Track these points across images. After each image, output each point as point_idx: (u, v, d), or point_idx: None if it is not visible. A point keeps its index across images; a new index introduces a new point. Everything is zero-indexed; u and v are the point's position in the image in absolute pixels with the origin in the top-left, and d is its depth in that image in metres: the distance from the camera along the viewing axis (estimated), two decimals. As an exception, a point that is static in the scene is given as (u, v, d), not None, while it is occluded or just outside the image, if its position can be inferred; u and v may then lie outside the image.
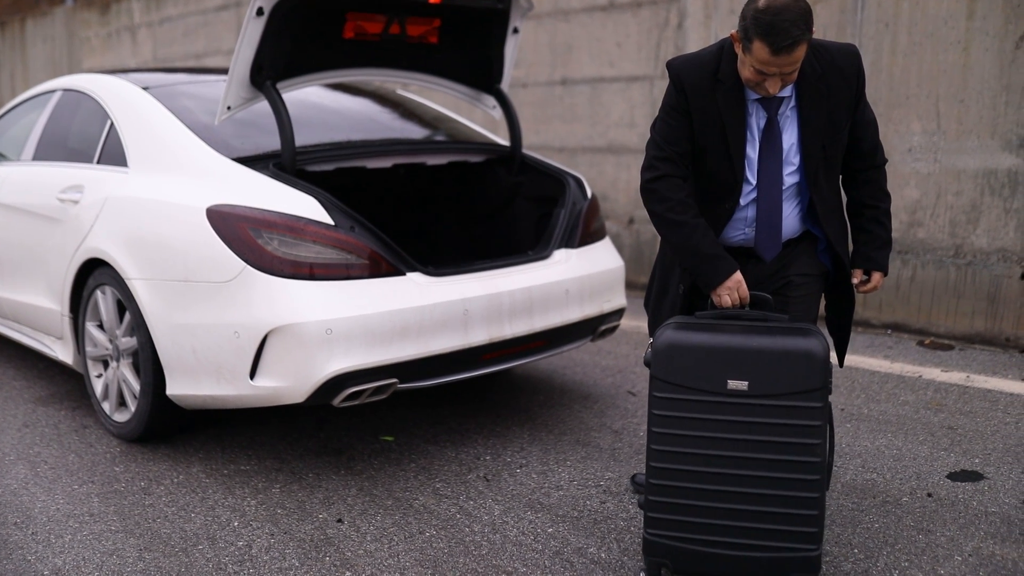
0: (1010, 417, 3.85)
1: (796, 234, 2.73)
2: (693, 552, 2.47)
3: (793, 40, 2.36)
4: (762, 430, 2.39)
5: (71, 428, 3.95)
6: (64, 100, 4.48)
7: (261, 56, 3.50)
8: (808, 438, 2.37)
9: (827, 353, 2.38)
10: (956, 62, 5.04)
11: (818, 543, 2.39)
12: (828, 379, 2.38)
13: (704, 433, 2.43)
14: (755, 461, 2.40)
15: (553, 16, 7.05)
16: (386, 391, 3.28)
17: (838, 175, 2.74)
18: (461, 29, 3.99)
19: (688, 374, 2.43)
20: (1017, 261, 4.91)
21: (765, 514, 2.40)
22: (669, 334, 2.47)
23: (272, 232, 3.20)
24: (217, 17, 10.18)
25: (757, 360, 2.38)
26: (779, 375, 2.37)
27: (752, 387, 2.38)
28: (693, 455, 2.44)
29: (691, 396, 2.43)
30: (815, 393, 2.36)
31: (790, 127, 2.61)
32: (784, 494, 2.38)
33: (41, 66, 13.49)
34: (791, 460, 2.37)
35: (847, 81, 2.59)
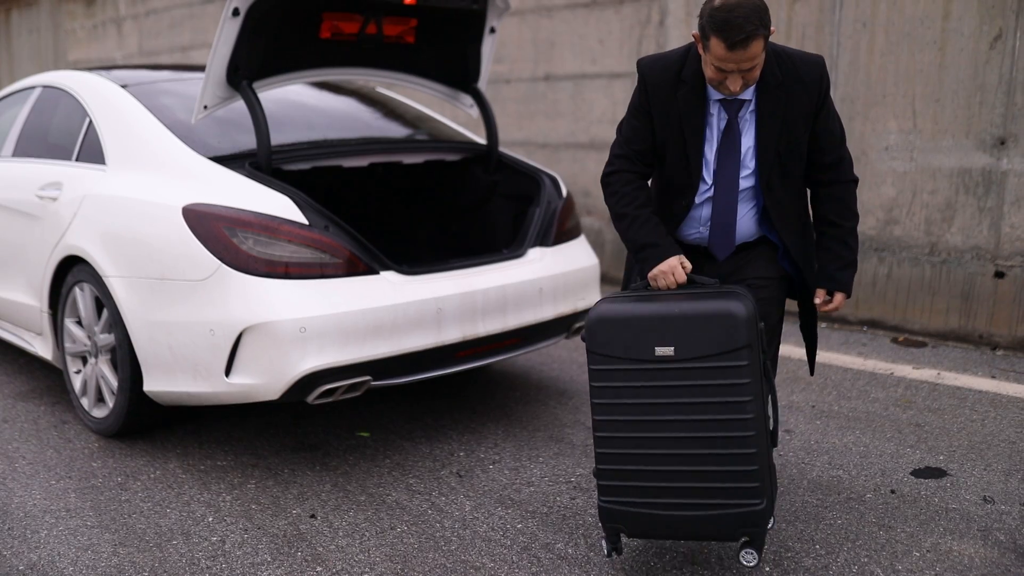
0: (976, 414, 3.91)
1: (752, 237, 2.78)
2: (644, 515, 2.57)
3: (747, 35, 2.41)
4: (693, 392, 2.47)
5: (50, 424, 3.98)
6: (44, 97, 4.50)
7: (237, 56, 3.53)
8: (738, 396, 2.44)
9: (749, 313, 2.44)
10: (932, 62, 5.09)
11: (762, 497, 2.47)
12: (754, 338, 2.44)
13: (640, 400, 2.52)
14: (690, 423, 2.48)
15: (536, 12, 7.08)
16: (360, 388, 3.32)
17: (798, 183, 2.76)
18: (438, 29, 4.02)
19: (618, 344, 2.51)
20: (991, 259, 4.98)
21: (706, 473, 2.49)
22: (599, 308, 2.57)
23: (247, 231, 3.23)
24: (203, 10, 10.16)
25: (680, 325, 2.46)
26: (702, 338, 2.44)
27: (678, 352, 2.46)
28: (632, 422, 2.53)
29: (623, 366, 2.51)
30: (740, 352, 2.43)
31: (748, 130, 2.67)
32: (722, 452, 2.47)
33: (27, 57, 13.45)
34: (724, 419, 2.46)
35: (808, 90, 2.63)
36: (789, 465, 3.44)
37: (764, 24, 2.43)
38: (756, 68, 2.53)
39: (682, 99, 2.65)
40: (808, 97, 2.63)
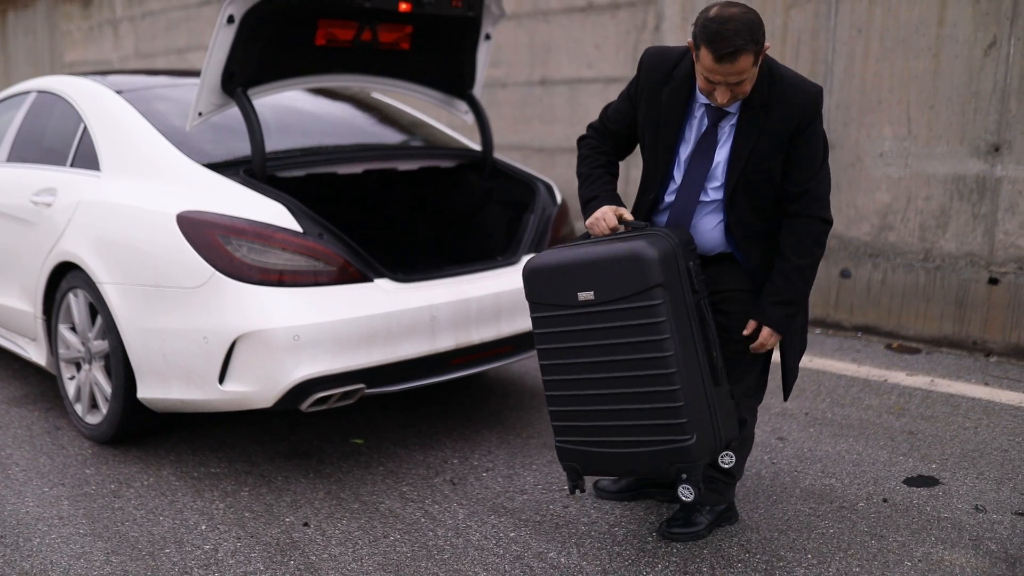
0: (969, 422, 3.92)
1: (718, 250, 2.80)
2: (592, 454, 2.71)
3: (735, 49, 2.43)
4: (614, 334, 2.58)
5: (44, 429, 3.98)
6: (39, 102, 4.49)
7: (232, 63, 3.53)
8: (654, 335, 2.53)
9: (662, 252, 2.51)
10: (927, 68, 5.10)
11: (691, 432, 2.55)
12: (671, 277, 2.52)
13: (571, 344, 2.65)
14: (616, 363, 2.59)
15: (532, 17, 7.09)
16: (353, 396, 3.33)
17: (767, 206, 2.72)
18: (433, 35, 4.02)
19: (549, 293, 2.67)
20: (984, 266, 4.99)
21: (635, 411, 2.60)
22: (533, 260, 2.72)
23: (241, 239, 3.23)
24: (199, 12, 10.16)
25: (597, 270, 2.57)
26: (616, 280, 2.55)
27: (597, 295, 2.58)
28: (568, 365, 2.67)
29: (555, 312, 2.66)
30: (652, 292, 2.51)
31: (725, 143, 2.69)
32: (646, 391, 2.57)
33: (22, 58, 13.43)
34: (644, 358, 2.55)
35: (789, 116, 2.60)
36: (782, 473, 3.45)
37: (755, 40, 2.45)
38: (746, 83, 2.54)
39: (667, 95, 2.72)
40: (787, 123, 2.61)
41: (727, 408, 2.70)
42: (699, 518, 2.97)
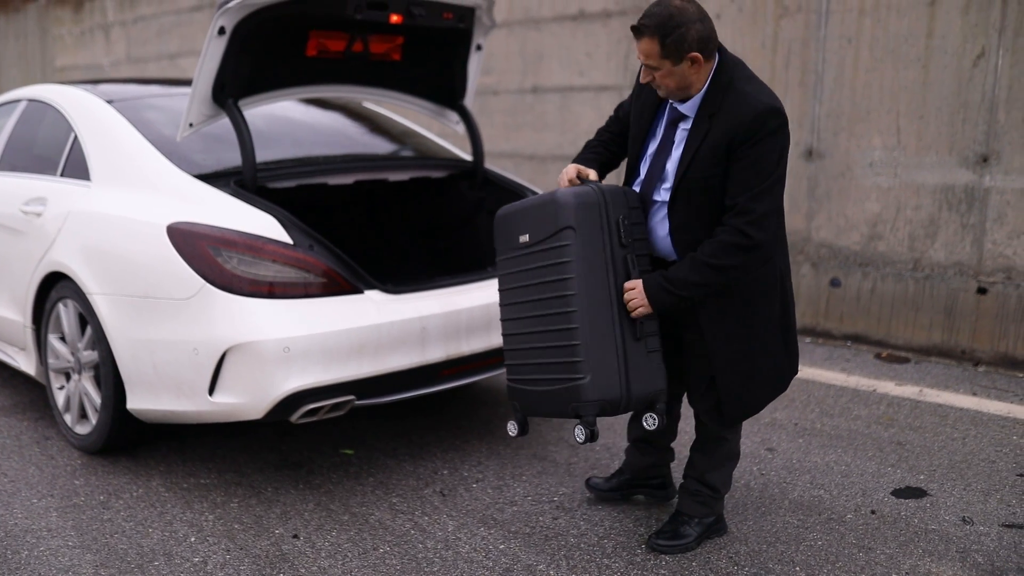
0: (957, 433, 3.94)
1: (672, 257, 2.81)
2: (525, 392, 2.87)
3: (639, 27, 2.57)
4: (535, 274, 2.78)
5: (32, 439, 3.97)
6: (29, 110, 4.49)
7: (223, 74, 3.53)
8: (560, 275, 2.69)
9: (578, 199, 2.68)
10: (916, 79, 5.13)
11: (585, 372, 2.62)
12: (583, 221, 2.67)
13: (513, 285, 2.88)
14: (535, 303, 2.78)
15: (524, 24, 7.10)
16: (344, 408, 3.33)
17: (710, 215, 2.68)
18: (424, 46, 4.03)
19: (501, 239, 2.92)
20: (973, 275, 5.02)
21: (546, 349, 2.75)
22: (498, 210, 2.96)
23: (231, 250, 3.23)
24: (191, 18, 10.15)
25: (529, 214, 2.80)
26: (540, 223, 2.75)
27: (531, 238, 2.79)
28: (509, 306, 2.91)
29: (504, 255, 2.91)
30: (562, 233, 2.67)
31: (679, 146, 2.74)
32: (552, 329, 2.72)
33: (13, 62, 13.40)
34: (552, 297, 2.71)
35: (728, 129, 2.58)
36: (771, 484, 3.46)
37: (661, 30, 2.52)
38: (661, 74, 2.61)
39: (646, 94, 2.83)
40: (725, 136, 2.58)
41: (645, 364, 2.71)
42: (687, 530, 2.98)
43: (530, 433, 3.99)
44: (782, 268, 2.79)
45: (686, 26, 2.52)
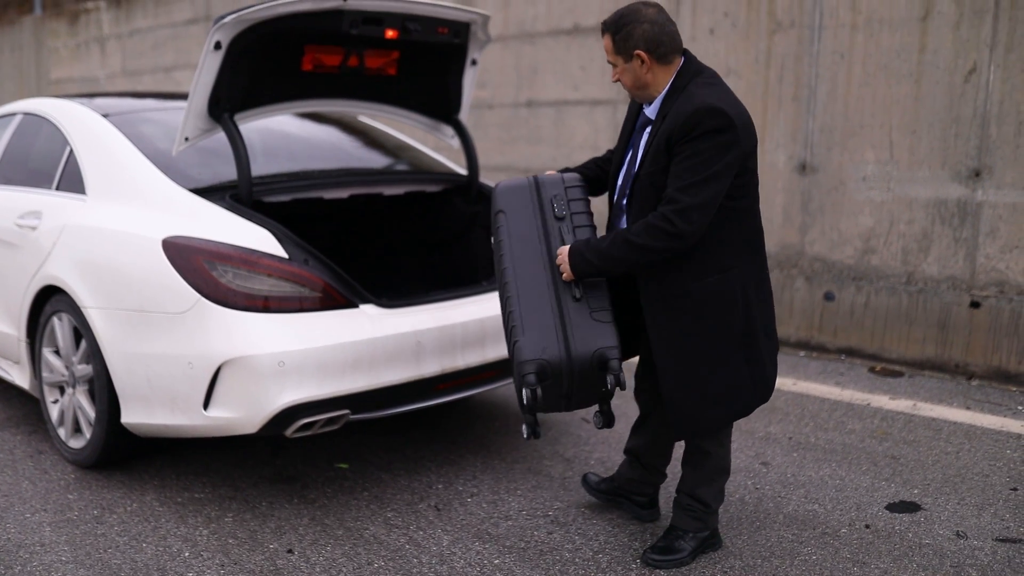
0: (951, 447, 3.95)
1: None
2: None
3: (602, 24, 2.80)
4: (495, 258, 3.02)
5: (26, 453, 3.96)
6: (24, 124, 4.49)
7: (219, 88, 3.54)
8: (498, 251, 2.94)
9: (504, 186, 2.96)
10: (908, 94, 5.16)
11: (519, 335, 2.77)
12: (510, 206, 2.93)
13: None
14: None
15: (519, 39, 7.13)
16: (338, 422, 3.32)
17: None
18: (419, 61, 4.05)
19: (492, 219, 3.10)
20: (966, 289, 5.04)
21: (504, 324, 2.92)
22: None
23: (227, 264, 3.23)
24: (186, 31, 10.18)
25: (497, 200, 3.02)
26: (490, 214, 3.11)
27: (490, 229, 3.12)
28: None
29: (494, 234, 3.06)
30: (496, 216, 2.97)
31: (641, 149, 2.85)
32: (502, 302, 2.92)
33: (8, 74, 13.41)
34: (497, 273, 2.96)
35: (668, 128, 2.68)
36: (766, 499, 3.46)
37: (614, 27, 2.75)
38: (618, 71, 2.81)
39: (631, 103, 3.02)
40: (668, 132, 2.67)
41: (588, 324, 2.77)
42: (681, 544, 2.98)
43: (525, 448, 3.99)
44: (747, 281, 2.77)
45: (634, 24, 2.71)
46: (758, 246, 2.83)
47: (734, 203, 2.71)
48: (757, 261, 2.83)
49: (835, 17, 5.40)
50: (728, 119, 2.60)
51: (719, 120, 2.60)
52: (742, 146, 2.64)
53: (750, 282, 2.78)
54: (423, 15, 3.77)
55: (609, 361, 2.73)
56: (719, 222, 2.69)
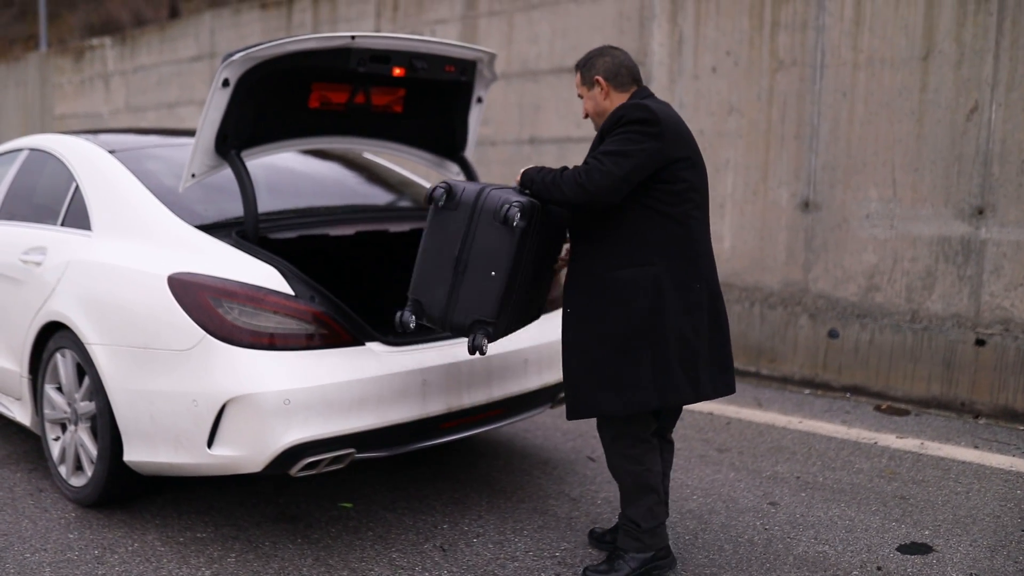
0: (961, 487, 3.91)
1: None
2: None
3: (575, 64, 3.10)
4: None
5: (26, 491, 3.91)
6: (31, 160, 4.50)
7: (226, 125, 3.55)
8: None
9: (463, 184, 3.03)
10: (911, 132, 5.19)
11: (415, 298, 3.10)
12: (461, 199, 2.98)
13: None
14: None
15: (522, 76, 7.18)
16: (343, 461, 3.29)
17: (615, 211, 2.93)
18: (426, 99, 4.07)
19: None
20: (971, 327, 5.02)
21: None
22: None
23: (232, 301, 3.22)
24: (190, 67, 10.25)
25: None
26: None
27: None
28: None
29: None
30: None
31: None
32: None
33: (12, 110, 13.48)
34: None
35: (605, 127, 2.93)
36: (775, 540, 3.42)
37: (581, 63, 3.06)
38: (584, 101, 3.07)
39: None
40: (603, 131, 2.93)
41: (470, 291, 2.97)
42: (620, 564, 3.05)
43: (531, 487, 3.95)
44: (665, 282, 2.87)
45: (597, 56, 3.04)
46: (691, 257, 2.92)
47: (664, 208, 2.87)
48: (688, 271, 2.91)
49: (837, 56, 5.44)
50: (652, 114, 2.83)
51: (642, 113, 2.84)
52: (666, 144, 2.83)
53: (670, 284, 2.88)
54: (430, 53, 3.79)
55: (476, 331, 2.97)
56: (645, 222, 2.88)
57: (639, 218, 2.87)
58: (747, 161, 5.88)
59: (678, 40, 6.19)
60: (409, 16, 8.05)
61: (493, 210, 2.90)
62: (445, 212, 3.00)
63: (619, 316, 2.87)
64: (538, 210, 2.94)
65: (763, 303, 5.86)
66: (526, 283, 3.06)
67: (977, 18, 4.93)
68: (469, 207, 2.95)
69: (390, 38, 3.68)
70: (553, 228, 3.11)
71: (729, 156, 5.95)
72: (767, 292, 5.84)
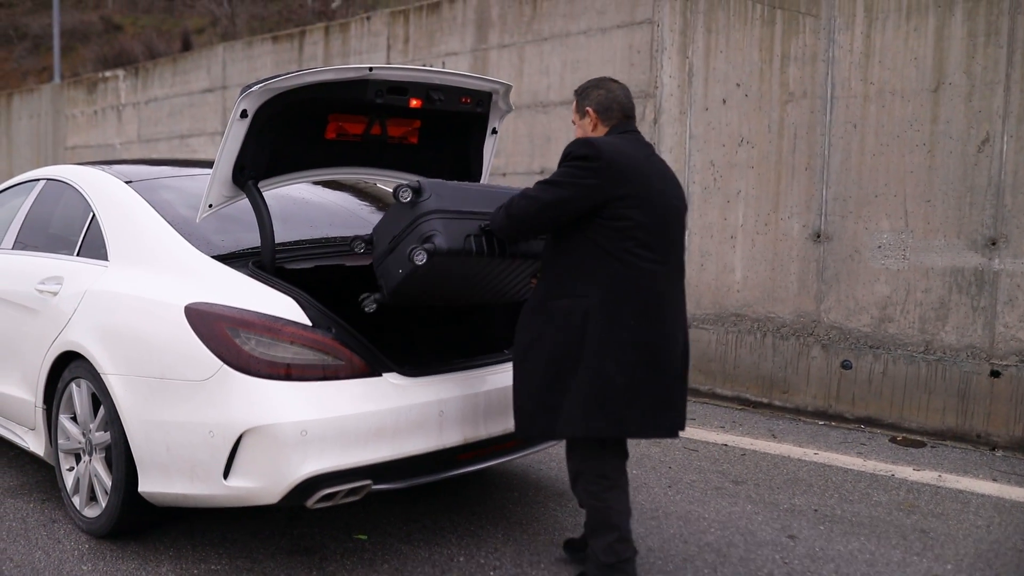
0: (981, 520, 3.88)
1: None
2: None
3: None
4: None
5: (39, 522, 3.90)
6: (47, 190, 4.53)
7: (244, 156, 3.56)
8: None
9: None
10: (922, 163, 5.20)
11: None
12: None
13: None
14: None
15: (533, 108, 7.23)
16: (360, 492, 3.27)
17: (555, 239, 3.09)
18: (441, 130, 4.09)
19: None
20: (986, 358, 5.00)
21: None
22: None
23: (250, 332, 3.22)
24: (202, 99, 10.33)
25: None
26: None
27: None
28: None
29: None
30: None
31: None
32: None
33: (25, 141, 13.59)
34: None
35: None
36: (795, 574, 3.39)
37: (579, 91, 3.24)
38: (575, 127, 3.27)
39: None
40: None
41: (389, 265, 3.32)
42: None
43: (546, 519, 3.92)
44: (594, 312, 2.92)
45: (594, 88, 3.17)
46: (631, 294, 2.93)
47: (603, 242, 2.93)
48: (624, 308, 2.92)
49: (847, 88, 5.47)
50: (595, 151, 2.92)
51: (585, 150, 2.94)
52: (605, 181, 2.90)
53: (600, 319, 2.92)
54: (447, 85, 3.82)
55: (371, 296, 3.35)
56: (587, 255, 2.96)
57: (582, 251, 2.96)
58: (758, 192, 5.89)
59: (688, 72, 6.23)
60: (420, 49, 8.13)
61: (413, 240, 3.19)
62: (404, 207, 3.25)
63: (550, 343, 3.00)
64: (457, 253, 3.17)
65: (775, 334, 5.85)
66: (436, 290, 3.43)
67: (987, 50, 4.96)
68: (411, 218, 3.21)
69: (407, 70, 3.71)
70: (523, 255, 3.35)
71: (740, 187, 5.96)
72: (779, 323, 5.83)
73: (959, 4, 5.06)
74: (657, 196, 2.98)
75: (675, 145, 6.31)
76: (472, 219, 3.22)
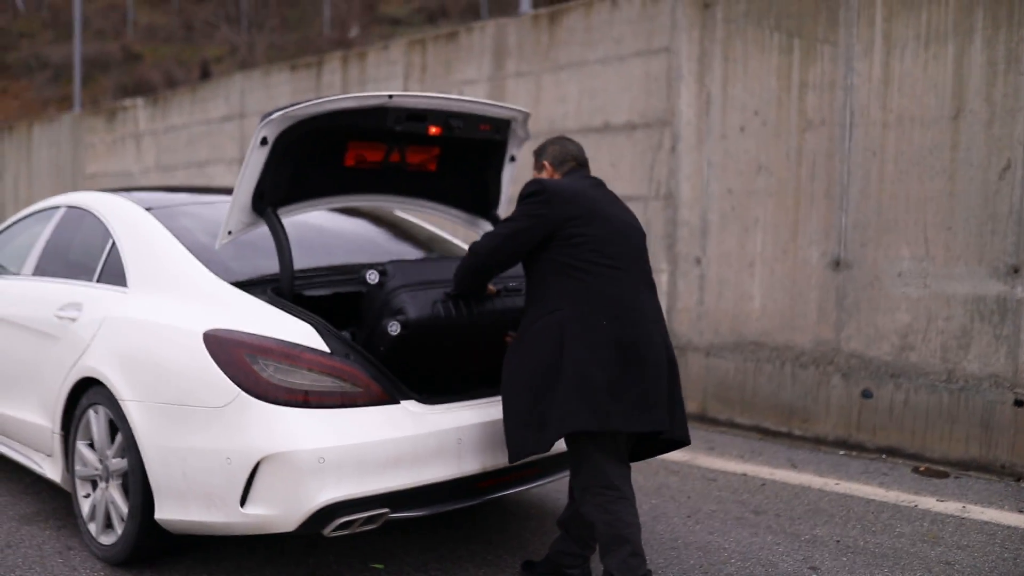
0: (1008, 552, 3.81)
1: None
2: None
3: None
4: None
5: (55, 549, 3.88)
6: (68, 217, 4.55)
7: (263, 183, 3.58)
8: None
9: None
10: (942, 190, 5.17)
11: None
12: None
13: None
14: None
15: (550, 135, 7.23)
16: (378, 521, 3.24)
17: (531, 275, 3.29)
18: (460, 157, 4.10)
19: None
20: (1009, 387, 4.94)
21: None
22: None
23: (268, 358, 3.21)
24: (220, 127, 10.42)
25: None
26: None
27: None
28: None
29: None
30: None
31: None
32: None
33: (45, 169, 13.73)
34: None
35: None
36: (818, 606, 3.33)
37: (536, 152, 3.61)
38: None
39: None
40: None
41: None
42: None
43: (564, 548, 3.88)
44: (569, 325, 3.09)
45: (550, 145, 3.55)
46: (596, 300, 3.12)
47: (564, 258, 3.16)
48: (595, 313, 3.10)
49: (866, 115, 5.46)
50: (541, 187, 3.23)
51: (533, 187, 3.25)
52: (552, 208, 3.17)
53: (575, 325, 3.09)
54: (466, 112, 3.83)
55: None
56: (551, 272, 3.19)
57: (547, 272, 3.20)
58: (776, 220, 5.87)
59: (706, 100, 6.24)
60: (437, 77, 8.17)
61: (386, 315, 3.36)
62: (374, 288, 3.45)
63: (532, 361, 3.16)
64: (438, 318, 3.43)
65: (794, 362, 5.80)
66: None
67: (1008, 77, 4.94)
68: (382, 298, 3.41)
69: (426, 97, 3.72)
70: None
71: (758, 215, 5.94)
72: (798, 351, 5.78)
73: (978, 32, 5.05)
74: (609, 215, 3.24)
75: (693, 173, 6.31)
76: (437, 287, 3.46)
